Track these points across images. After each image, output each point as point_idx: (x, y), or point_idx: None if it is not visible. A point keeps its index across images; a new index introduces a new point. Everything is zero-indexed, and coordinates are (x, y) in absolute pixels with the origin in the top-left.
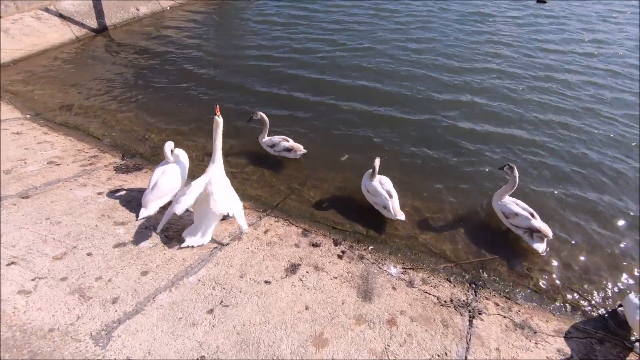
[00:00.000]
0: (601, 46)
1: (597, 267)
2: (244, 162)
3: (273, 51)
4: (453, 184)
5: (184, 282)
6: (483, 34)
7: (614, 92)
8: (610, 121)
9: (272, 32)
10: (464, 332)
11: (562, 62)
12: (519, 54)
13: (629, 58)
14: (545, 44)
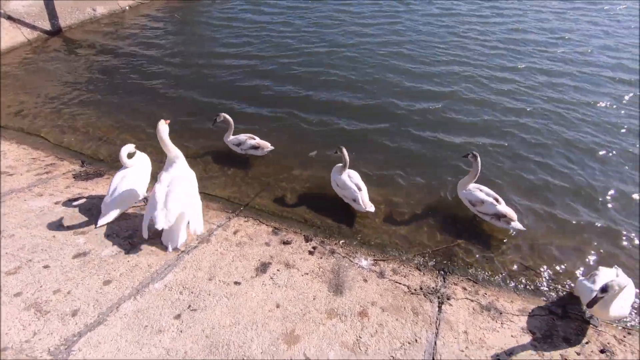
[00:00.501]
0: (565, 40)
1: (560, 248)
2: (211, 163)
3: (238, 50)
4: (420, 174)
5: (149, 289)
6: (449, 27)
7: (574, 81)
8: (570, 107)
9: (236, 32)
10: (433, 318)
11: (522, 53)
12: (483, 47)
13: (589, 56)
14: (506, 37)
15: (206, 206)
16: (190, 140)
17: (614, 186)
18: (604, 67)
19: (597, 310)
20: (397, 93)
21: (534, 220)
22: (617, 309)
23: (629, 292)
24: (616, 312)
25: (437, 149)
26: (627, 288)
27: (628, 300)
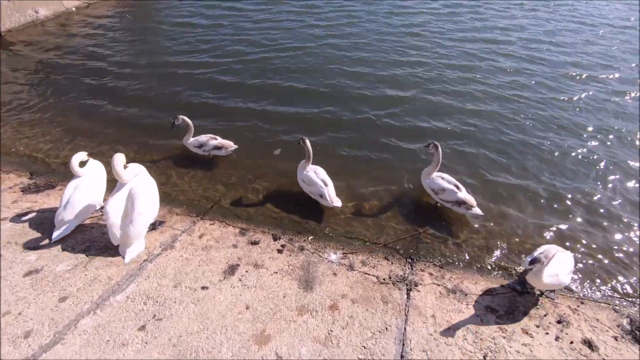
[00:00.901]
0: (519, 39)
1: (517, 230)
2: (174, 167)
3: (194, 51)
4: (384, 167)
5: (110, 302)
6: (410, 27)
7: (531, 78)
8: (526, 104)
9: (191, 33)
10: (402, 306)
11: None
12: (440, 46)
13: (543, 53)
14: (466, 36)
15: (169, 211)
16: (150, 146)
17: (567, 174)
18: (559, 65)
19: (532, 279)
20: (356, 92)
21: (492, 206)
22: (549, 278)
23: (564, 264)
24: (548, 280)
25: (399, 142)
26: (562, 260)
27: (563, 271)
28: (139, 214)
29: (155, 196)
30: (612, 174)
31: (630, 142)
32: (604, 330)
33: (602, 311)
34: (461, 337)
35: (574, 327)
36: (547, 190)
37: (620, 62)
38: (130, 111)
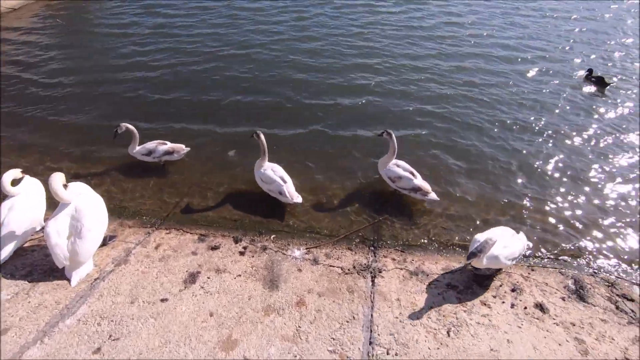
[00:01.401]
0: (465, 26)
1: (472, 210)
2: (122, 178)
3: (132, 55)
4: (341, 159)
5: (59, 327)
6: (353, 20)
7: (477, 64)
8: (475, 88)
9: (129, 37)
10: (368, 293)
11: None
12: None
13: (491, 39)
14: (407, 26)
15: (120, 225)
16: (94, 157)
17: (517, 157)
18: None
19: (477, 264)
20: (307, 88)
21: (449, 189)
22: (487, 260)
23: (505, 246)
24: (487, 262)
25: (353, 133)
26: (506, 243)
27: (505, 254)
28: (88, 230)
29: (103, 212)
30: (557, 154)
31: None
32: (553, 293)
33: (550, 275)
34: (425, 316)
35: (527, 293)
36: (498, 170)
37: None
38: (69, 122)
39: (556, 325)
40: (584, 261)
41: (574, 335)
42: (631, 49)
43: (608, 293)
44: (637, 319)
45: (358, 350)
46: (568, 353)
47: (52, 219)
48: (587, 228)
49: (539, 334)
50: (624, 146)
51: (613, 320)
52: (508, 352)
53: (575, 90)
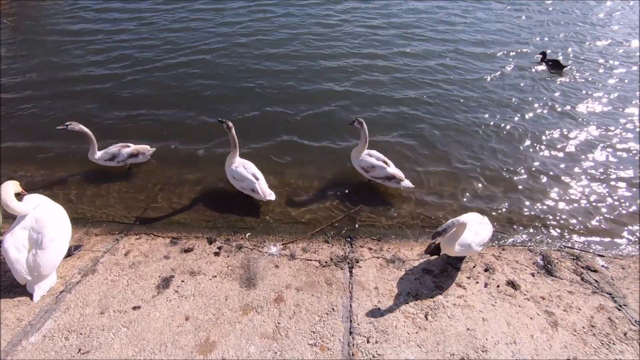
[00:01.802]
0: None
1: (444, 197)
2: (86, 185)
3: (90, 56)
4: (312, 153)
5: (23, 345)
6: (325, 17)
7: (442, 58)
8: (444, 82)
9: (85, 39)
10: (346, 284)
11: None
12: (355, 37)
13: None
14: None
15: (86, 233)
16: (53, 164)
17: (485, 142)
18: (475, 44)
19: (444, 247)
20: (272, 80)
21: (422, 177)
22: (458, 248)
23: (476, 233)
24: (458, 249)
25: (324, 126)
26: (477, 230)
27: (475, 240)
28: (51, 240)
29: (65, 221)
30: (523, 137)
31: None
32: (523, 270)
33: (520, 253)
34: (403, 302)
35: (499, 272)
36: (468, 157)
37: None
38: (22, 127)
39: (527, 300)
40: (551, 237)
41: (544, 309)
42: (580, 35)
43: (573, 266)
44: (600, 288)
45: (338, 341)
46: (539, 326)
47: (9, 233)
48: (553, 206)
49: (512, 310)
50: (585, 124)
51: (579, 291)
52: (483, 330)
53: (534, 74)
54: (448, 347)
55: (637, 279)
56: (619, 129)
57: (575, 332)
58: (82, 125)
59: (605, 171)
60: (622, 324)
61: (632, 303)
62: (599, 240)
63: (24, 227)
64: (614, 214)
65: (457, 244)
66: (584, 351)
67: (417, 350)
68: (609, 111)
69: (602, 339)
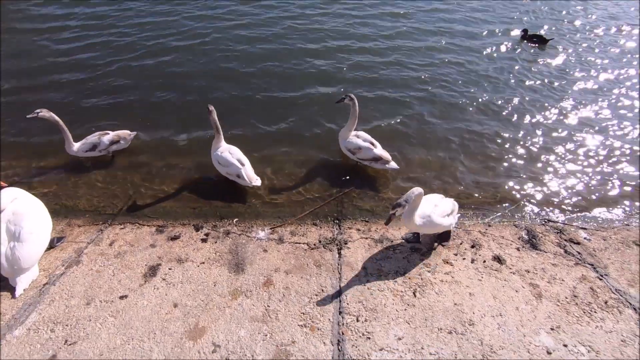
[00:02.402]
0: None
1: (431, 176)
2: (66, 175)
3: (66, 40)
4: (299, 136)
5: (7, 339)
6: None
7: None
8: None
9: (60, 20)
10: (335, 265)
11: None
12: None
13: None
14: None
15: (68, 225)
16: (32, 158)
17: (470, 120)
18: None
19: (407, 223)
20: (253, 62)
21: (408, 157)
22: (420, 220)
23: (436, 205)
24: (420, 222)
25: (308, 109)
26: (437, 202)
27: (437, 213)
28: (30, 233)
29: (44, 213)
30: (508, 118)
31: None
32: (509, 245)
33: (505, 229)
34: (392, 280)
35: (485, 247)
36: (455, 136)
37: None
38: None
39: (513, 274)
40: (536, 213)
41: (528, 281)
42: (563, 10)
43: (557, 239)
44: (583, 259)
45: (328, 321)
46: (524, 298)
47: None
48: (538, 183)
49: (498, 283)
50: (569, 100)
51: (562, 263)
52: (470, 304)
53: (518, 49)
54: (436, 322)
55: (617, 249)
56: (603, 104)
57: (559, 303)
58: (52, 113)
59: (588, 147)
60: (603, 293)
61: (613, 273)
62: (582, 214)
63: (1, 220)
64: (597, 188)
65: (416, 215)
66: (566, 320)
67: (405, 327)
68: (592, 86)
69: (584, 308)
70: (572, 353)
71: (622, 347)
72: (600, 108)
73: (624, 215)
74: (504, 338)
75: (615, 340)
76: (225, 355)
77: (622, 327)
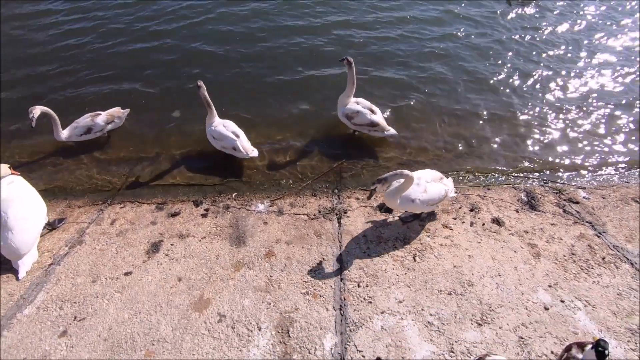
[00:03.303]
0: None
1: (430, 144)
2: (61, 158)
3: (50, 21)
4: (295, 106)
5: (18, 318)
6: None
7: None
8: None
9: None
10: (335, 234)
11: None
12: None
13: None
14: None
15: (68, 206)
16: (25, 142)
17: (468, 90)
18: None
19: (387, 199)
20: (243, 36)
21: (408, 124)
22: (402, 202)
23: (425, 191)
24: (402, 204)
25: (302, 79)
26: (427, 188)
27: (419, 195)
28: (23, 218)
29: (36, 196)
30: (502, 81)
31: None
32: (508, 207)
33: (504, 192)
34: (392, 246)
35: (484, 210)
36: (453, 102)
37: None
38: None
39: (511, 235)
40: (534, 174)
41: (527, 242)
42: None
43: (556, 199)
44: (581, 218)
45: (330, 288)
46: (523, 258)
47: None
48: (537, 144)
49: (497, 245)
50: (564, 55)
51: (561, 222)
52: (470, 266)
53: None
54: (436, 284)
55: (616, 206)
56: (593, 61)
57: (557, 261)
58: (43, 107)
59: (587, 108)
60: (600, 250)
61: (611, 230)
62: (581, 173)
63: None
64: (595, 147)
65: (399, 197)
66: (564, 277)
67: (406, 290)
68: (581, 38)
69: (581, 265)
70: (569, 308)
71: (618, 300)
72: (594, 64)
73: (624, 173)
74: (502, 297)
75: (612, 294)
76: (231, 324)
77: (619, 281)
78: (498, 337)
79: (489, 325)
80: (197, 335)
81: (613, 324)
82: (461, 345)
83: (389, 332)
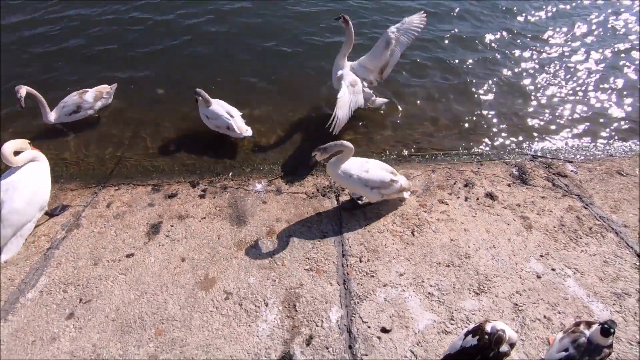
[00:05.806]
0: None
1: (425, 119)
2: (48, 140)
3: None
4: (287, 83)
5: (21, 302)
6: None
7: None
8: None
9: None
10: (334, 212)
11: None
12: None
13: None
14: None
15: (60, 189)
16: (9, 125)
17: (462, 65)
18: None
19: (330, 170)
20: (232, 16)
21: (402, 101)
22: (340, 174)
23: (366, 170)
24: (338, 176)
25: (295, 56)
26: (369, 168)
27: (358, 172)
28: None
29: (38, 185)
30: (495, 57)
31: None
32: (500, 182)
33: (497, 167)
34: (390, 222)
35: (478, 185)
36: (446, 78)
37: None
38: None
39: (504, 208)
40: (525, 149)
41: (519, 215)
42: None
43: (546, 174)
44: (569, 191)
45: (333, 263)
46: (515, 229)
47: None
48: (526, 119)
49: (490, 218)
50: (553, 34)
51: (551, 195)
52: (465, 239)
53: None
54: (434, 257)
55: (602, 179)
56: (586, 35)
57: (547, 232)
58: (28, 88)
59: (572, 80)
60: (588, 221)
61: (597, 201)
62: (569, 147)
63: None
64: (582, 121)
65: (340, 169)
66: (554, 247)
67: (406, 264)
68: (575, 12)
69: (570, 235)
70: (559, 275)
71: (604, 267)
72: (586, 38)
73: (608, 147)
74: (497, 267)
75: (598, 261)
76: (238, 300)
77: (605, 249)
78: (495, 304)
79: (486, 294)
80: (205, 313)
81: (600, 289)
82: (460, 314)
83: (392, 304)
